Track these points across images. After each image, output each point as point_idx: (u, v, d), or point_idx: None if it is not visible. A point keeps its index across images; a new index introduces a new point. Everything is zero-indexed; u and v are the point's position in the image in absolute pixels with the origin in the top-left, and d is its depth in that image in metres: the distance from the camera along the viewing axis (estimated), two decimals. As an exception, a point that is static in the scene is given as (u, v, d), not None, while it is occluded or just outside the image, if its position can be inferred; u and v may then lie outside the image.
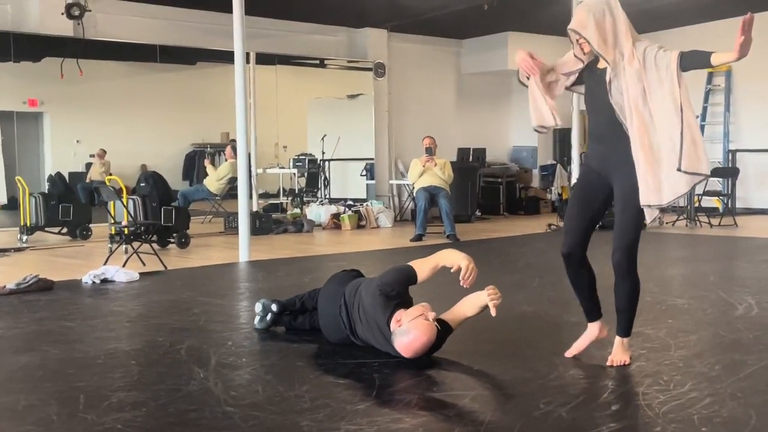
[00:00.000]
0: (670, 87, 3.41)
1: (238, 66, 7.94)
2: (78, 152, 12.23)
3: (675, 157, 3.38)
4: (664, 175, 3.43)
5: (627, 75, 3.49)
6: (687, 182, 3.41)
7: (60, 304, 5.54)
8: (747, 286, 5.99)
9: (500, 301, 3.82)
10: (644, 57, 3.49)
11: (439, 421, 3.02)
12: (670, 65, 3.42)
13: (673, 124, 3.40)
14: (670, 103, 3.41)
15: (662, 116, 3.43)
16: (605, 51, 3.52)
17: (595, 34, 3.52)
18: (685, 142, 3.36)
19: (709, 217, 11.42)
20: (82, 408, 3.16)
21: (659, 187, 3.43)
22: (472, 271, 3.82)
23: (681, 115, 3.38)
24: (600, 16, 3.54)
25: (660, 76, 3.44)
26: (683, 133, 3.37)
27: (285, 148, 13.29)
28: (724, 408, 3.05)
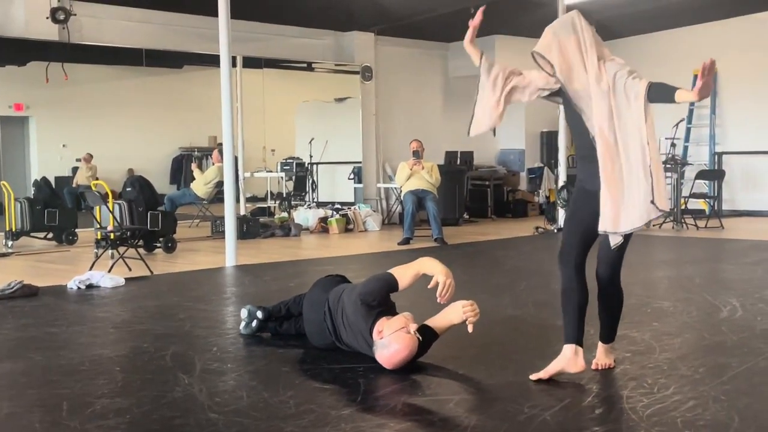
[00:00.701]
0: (637, 119, 3.35)
1: (224, 69, 7.93)
2: (64, 156, 12.17)
3: (640, 189, 3.32)
4: (625, 205, 3.37)
5: (593, 97, 3.42)
6: (645, 216, 3.35)
7: (45, 310, 5.51)
8: (732, 288, 6.02)
9: (477, 317, 3.79)
10: (614, 81, 3.41)
11: (424, 426, 3.02)
12: (639, 96, 3.34)
13: (640, 157, 3.34)
14: (636, 134, 3.35)
15: (630, 146, 3.37)
16: (568, 78, 3.44)
17: (559, 58, 3.44)
18: (654, 178, 3.32)
19: (695, 219, 11.48)
20: (65, 415, 3.14)
21: (617, 215, 3.37)
22: (449, 287, 3.77)
23: (647, 151, 3.32)
24: (565, 38, 3.46)
25: (629, 104, 3.37)
26: (652, 168, 3.32)
27: (273, 151, 13.27)
28: (708, 411, 3.06)
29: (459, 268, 7.68)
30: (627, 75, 3.41)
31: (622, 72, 3.42)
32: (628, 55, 15.81)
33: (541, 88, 3.58)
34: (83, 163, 11.76)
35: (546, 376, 3.49)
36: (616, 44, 14.77)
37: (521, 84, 3.60)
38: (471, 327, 3.77)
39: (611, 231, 3.40)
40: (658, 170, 3.35)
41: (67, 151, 12.13)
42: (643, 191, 3.34)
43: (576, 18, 3.51)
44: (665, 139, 12.72)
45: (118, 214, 8.32)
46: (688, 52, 13.89)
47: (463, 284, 5.74)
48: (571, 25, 3.48)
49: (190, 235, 10.78)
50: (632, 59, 15.42)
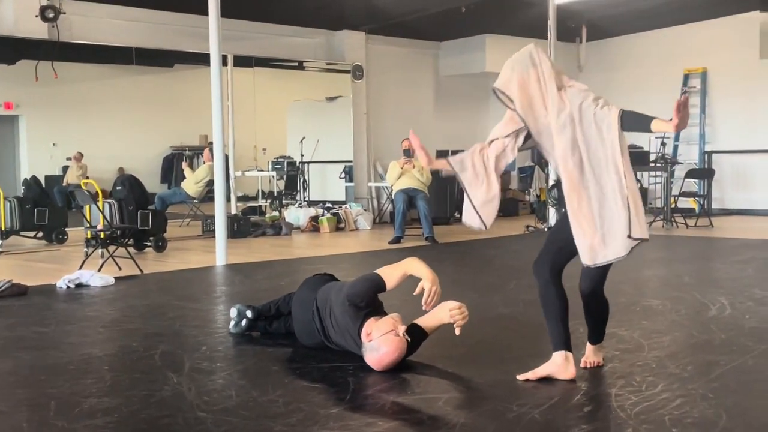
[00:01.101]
0: (611, 150, 3.31)
1: (214, 68, 7.91)
2: (54, 155, 12.14)
3: (621, 220, 3.30)
4: (601, 236, 3.34)
5: (554, 132, 3.38)
6: (627, 246, 3.33)
7: (34, 309, 5.49)
8: (721, 286, 6.05)
9: (466, 320, 3.77)
10: (581, 112, 3.36)
11: (412, 425, 3.02)
12: (612, 127, 3.30)
13: (616, 189, 3.31)
14: (611, 166, 3.32)
15: (603, 178, 3.34)
16: (528, 113, 3.41)
17: (518, 92, 3.41)
18: (632, 210, 3.29)
19: (685, 218, 11.52)
20: (53, 415, 3.13)
21: (593, 248, 3.35)
22: (434, 294, 3.74)
23: (624, 182, 3.29)
24: (524, 72, 3.43)
25: (601, 136, 3.33)
26: (629, 200, 3.29)
27: (264, 150, 13.26)
28: (695, 409, 3.07)
29: (449, 267, 7.69)
30: (594, 105, 3.36)
31: (588, 101, 3.37)
32: (617, 55, 15.92)
33: (510, 137, 3.50)
34: (74, 162, 11.72)
35: (534, 378, 3.48)
36: (606, 43, 14.84)
37: (499, 150, 3.52)
38: (458, 330, 3.77)
39: (591, 264, 3.38)
40: (636, 200, 3.32)
41: (58, 150, 12.10)
42: (623, 222, 3.31)
43: (534, 51, 3.47)
44: (655, 138, 12.77)
45: (108, 213, 8.29)
46: (677, 51, 13.96)
47: (453, 283, 5.76)
48: (529, 59, 3.45)
49: (181, 234, 10.75)
50: (622, 58, 15.49)
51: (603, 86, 14.91)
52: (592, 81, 15.05)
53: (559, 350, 3.48)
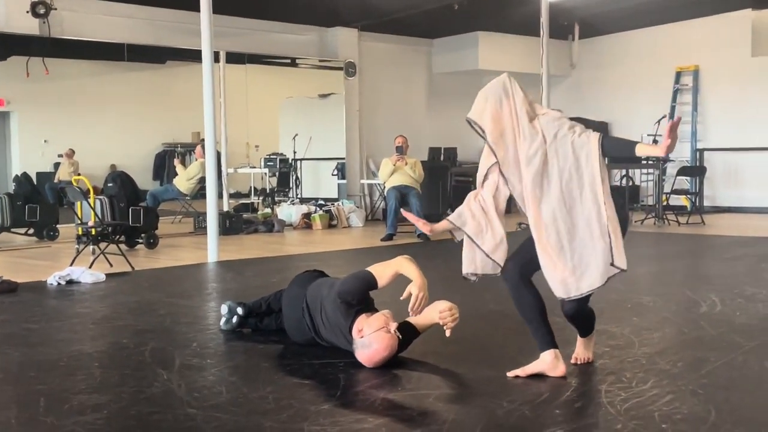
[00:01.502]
0: (590, 179, 3.29)
1: (206, 65, 7.89)
2: (46, 152, 12.11)
3: (596, 250, 3.28)
4: (573, 268, 3.31)
5: (522, 163, 3.37)
6: (604, 276, 3.30)
7: (24, 306, 5.47)
8: (712, 283, 6.07)
9: (456, 322, 3.76)
10: (556, 142, 3.33)
11: (402, 421, 3.02)
12: (591, 156, 3.28)
13: (593, 218, 3.29)
14: (588, 195, 3.30)
15: (576, 209, 3.32)
16: (498, 143, 3.40)
17: (491, 124, 3.40)
18: (612, 239, 3.28)
19: (677, 215, 11.55)
20: (42, 411, 3.12)
21: (565, 280, 3.32)
22: (421, 300, 3.68)
23: (604, 211, 3.28)
24: (497, 103, 3.41)
25: (579, 165, 3.30)
26: (610, 228, 3.28)
27: (257, 147, 13.25)
28: (685, 405, 3.08)
29: (441, 264, 7.69)
30: (571, 133, 3.34)
31: (564, 130, 3.35)
32: (610, 52, 15.95)
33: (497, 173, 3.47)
34: (65, 159, 11.70)
35: (524, 375, 3.48)
36: (598, 41, 14.87)
37: (492, 189, 3.51)
38: (449, 332, 3.77)
39: (565, 297, 3.35)
40: (616, 229, 3.30)
41: (49, 146, 12.07)
42: (600, 252, 3.28)
43: (507, 82, 3.46)
44: (647, 136, 12.80)
45: (99, 209, 8.27)
46: (669, 48, 13.99)
47: (445, 280, 5.76)
48: (502, 89, 3.43)
49: (173, 231, 10.73)
50: (614, 56, 15.53)
51: (595, 84, 14.99)
52: (584, 78, 15.11)
53: (546, 350, 3.48)
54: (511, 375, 3.49)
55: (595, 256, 3.30)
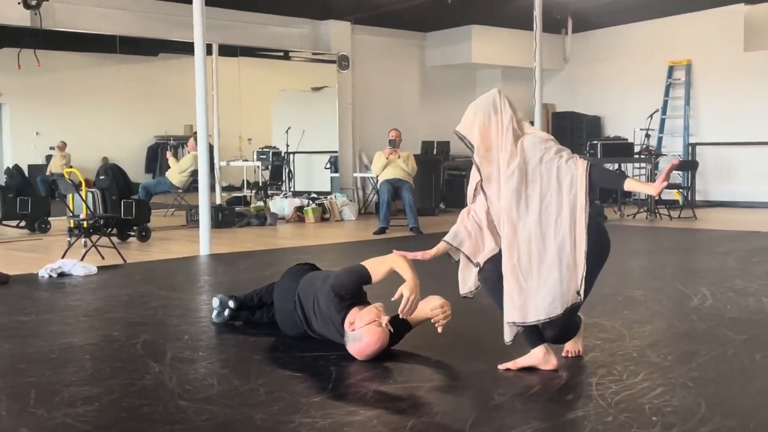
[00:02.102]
0: (570, 208, 3.28)
1: (199, 57, 7.87)
2: (37, 144, 12.05)
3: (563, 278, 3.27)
4: (535, 294, 3.30)
5: (501, 182, 3.37)
6: (566, 304, 3.29)
7: (15, 298, 5.46)
8: (703, 277, 6.09)
9: (449, 319, 3.76)
10: (541, 165, 3.32)
11: (394, 413, 3.02)
12: (576, 182, 3.27)
13: (567, 247, 3.28)
14: (566, 222, 3.28)
15: (549, 234, 3.30)
16: (484, 159, 3.40)
17: (478, 139, 3.41)
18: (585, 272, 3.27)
19: (669, 209, 11.58)
20: (33, 403, 3.11)
21: (524, 305, 3.32)
22: (412, 303, 3.65)
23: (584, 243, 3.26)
24: (486, 119, 3.42)
25: (560, 191, 3.29)
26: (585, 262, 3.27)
27: (249, 140, 13.21)
28: (675, 397, 3.09)
29: (434, 258, 7.71)
30: (557, 158, 3.33)
31: (550, 155, 3.33)
32: (603, 46, 15.95)
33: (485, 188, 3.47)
34: (57, 151, 11.64)
35: (515, 368, 3.48)
36: (591, 35, 14.87)
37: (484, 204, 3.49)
38: (440, 329, 3.77)
39: (519, 321, 3.34)
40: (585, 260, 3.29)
41: (41, 139, 12.01)
42: (566, 281, 3.27)
43: (497, 98, 3.46)
44: (640, 130, 12.82)
45: (91, 202, 8.25)
46: (662, 43, 14.01)
47: (437, 274, 5.75)
48: (492, 105, 3.43)
49: (165, 223, 10.71)
50: (607, 50, 15.51)
51: (588, 78, 15.00)
52: (577, 72, 15.12)
53: (536, 346, 3.48)
54: (502, 368, 3.50)
55: (560, 284, 3.28)
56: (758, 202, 13.08)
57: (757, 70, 13.10)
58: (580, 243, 3.28)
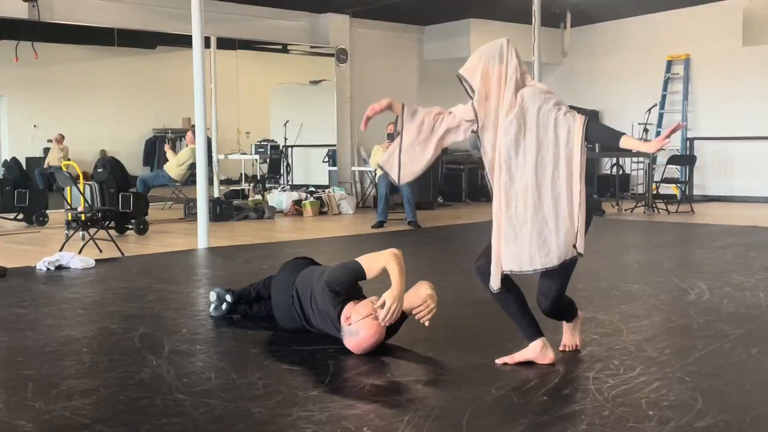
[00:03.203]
0: (567, 159, 3.26)
1: (197, 50, 7.86)
2: (35, 137, 12.03)
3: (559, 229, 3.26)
4: (530, 243, 3.29)
5: (499, 131, 3.33)
6: (563, 256, 3.27)
7: (13, 291, 5.46)
8: (700, 272, 6.09)
9: (433, 313, 3.75)
10: (539, 116, 3.30)
11: (391, 407, 3.03)
12: (573, 136, 3.24)
13: (562, 196, 3.27)
14: (562, 173, 3.27)
15: (545, 184, 3.29)
16: (482, 105, 3.36)
17: (480, 84, 3.36)
18: (579, 222, 3.26)
19: (666, 203, 11.58)
20: (31, 396, 3.12)
21: (518, 254, 3.31)
22: (393, 312, 3.63)
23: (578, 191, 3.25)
24: (490, 66, 3.37)
25: (557, 142, 3.27)
26: (579, 213, 3.26)
27: (247, 134, 13.20)
28: (672, 392, 3.10)
29: (432, 252, 7.71)
30: (555, 109, 3.30)
31: (549, 105, 3.31)
32: (602, 41, 15.91)
33: (468, 121, 3.44)
34: (55, 144, 11.63)
35: (512, 362, 3.48)
36: (590, 29, 14.86)
37: (453, 125, 3.46)
38: (427, 323, 3.77)
39: (516, 270, 3.34)
40: (582, 213, 3.28)
41: (39, 131, 11.99)
42: (562, 232, 3.26)
43: (504, 46, 3.41)
44: (638, 125, 12.82)
45: (89, 195, 8.24)
46: (661, 37, 14.00)
47: (436, 267, 5.78)
48: (498, 54, 3.38)
49: (163, 217, 10.71)
50: (606, 44, 15.47)
51: (587, 72, 14.99)
52: (576, 67, 15.11)
53: (534, 339, 3.48)
54: (499, 362, 3.50)
55: (555, 235, 3.28)
56: (756, 196, 13.09)
57: (756, 65, 13.09)
58: (576, 196, 3.27)
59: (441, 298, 3.88)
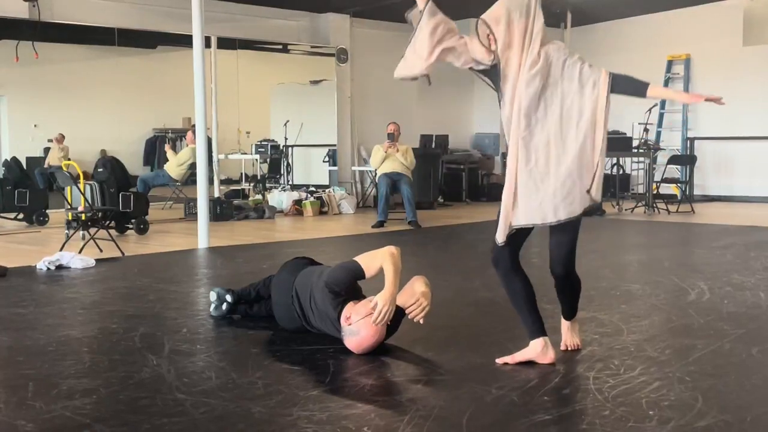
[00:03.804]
0: (591, 108, 3.27)
1: (197, 50, 7.86)
2: (36, 137, 12.03)
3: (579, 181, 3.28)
4: (551, 194, 3.29)
5: (521, 84, 3.31)
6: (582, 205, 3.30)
7: (13, 290, 5.46)
8: (700, 271, 6.09)
9: (426, 311, 3.75)
10: (563, 68, 3.30)
11: (391, 407, 3.03)
12: (599, 85, 3.26)
13: (588, 148, 3.28)
14: (586, 123, 3.27)
15: (570, 135, 3.29)
16: (504, 56, 3.33)
17: (504, 34, 3.32)
18: (599, 170, 3.29)
19: (667, 203, 11.58)
20: (31, 396, 3.11)
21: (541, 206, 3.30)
22: (384, 315, 3.61)
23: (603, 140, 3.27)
24: (516, 18, 3.33)
25: (582, 92, 3.28)
26: (600, 162, 3.28)
27: (248, 133, 13.20)
28: (672, 392, 3.10)
29: (432, 251, 7.71)
30: (579, 62, 3.32)
31: (573, 59, 3.32)
32: (602, 40, 15.92)
33: (475, 60, 3.41)
34: (55, 144, 11.63)
35: (512, 362, 3.48)
36: (590, 29, 14.85)
37: (459, 48, 3.42)
38: (421, 320, 3.77)
39: (540, 222, 3.33)
40: (602, 161, 3.31)
41: (39, 131, 11.99)
42: (585, 181, 3.29)
43: (533, 3, 3.39)
44: (638, 125, 12.82)
45: (89, 195, 8.24)
46: (661, 37, 14.00)
47: (436, 267, 5.78)
48: (525, 7, 3.36)
49: (163, 216, 10.71)
50: (606, 44, 15.49)
51: (587, 72, 14.96)
52: (576, 67, 15.09)
53: (536, 338, 3.48)
54: (500, 362, 3.50)
55: (580, 185, 3.30)
56: (756, 196, 13.09)
57: (756, 65, 13.09)
58: (599, 143, 3.29)
59: (441, 298, 3.88)
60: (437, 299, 3.97)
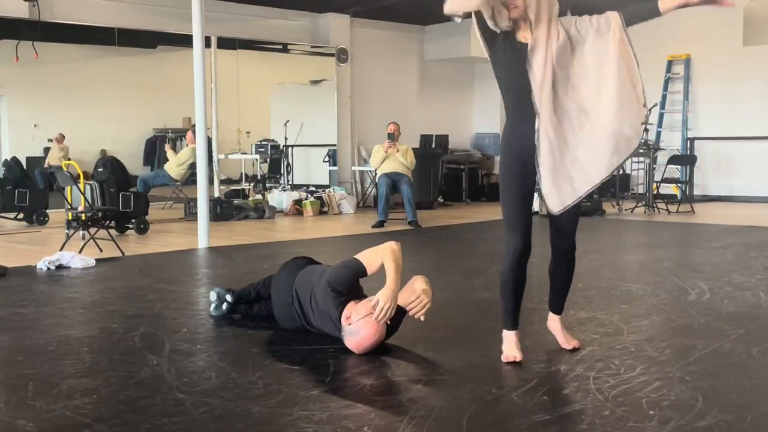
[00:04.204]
0: (617, 49, 3.33)
1: (197, 50, 7.86)
2: (36, 136, 12.02)
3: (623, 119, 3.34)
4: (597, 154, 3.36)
5: (550, 51, 3.35)
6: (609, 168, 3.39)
7: (13, 290, 5.46)
8: (700, 271, 6.09)
9: (427, 307, 3.76)
10: (578, 29, 3.39)
11: (392, 407, 3.03)
12: (613, 25, 3.33)
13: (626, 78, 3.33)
14: (614, 62, 3.32)
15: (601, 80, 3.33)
16: (538, 23, 3.37)
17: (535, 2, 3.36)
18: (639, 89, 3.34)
19: (667, 203, 11.59)
20: (31, 395, 3.12)
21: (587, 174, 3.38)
22: (386, 312, 3.62)
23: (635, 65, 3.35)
24: None
25: (605, 39, 3.35)
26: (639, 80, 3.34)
27: (248, 133, 13.20)
28: (672, 391, 3.10)
29: (432, 251, 7.71)
30: (587, 17, 3.41)
31: (581, 18, 3.42)
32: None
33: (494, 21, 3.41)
34: (55, 144, 11.62)
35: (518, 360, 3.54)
36: (591, 29, 14.81)
37: None
38: (422, 317, 3.78)
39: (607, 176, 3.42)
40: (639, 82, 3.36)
41: (39, 131, 11.98)
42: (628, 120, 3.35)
43: None
44: (639, 125, 12.80)
45: (89, 194, 8.24)
46: (661, 37, 13.96)
47: (436, 267, 5.78)
48: None
49: (163, 216, 10.71)
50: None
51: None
52: (576, 67, 15.08)
53: (512, 330, 3.59)
54: (507, 360, 3.54)
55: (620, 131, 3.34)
56: (756, 196, 13.09)
57: (756, 65, 13.09)
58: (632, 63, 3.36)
59: (441, 298, 3.89)
60: (437, 299, 3.97)
